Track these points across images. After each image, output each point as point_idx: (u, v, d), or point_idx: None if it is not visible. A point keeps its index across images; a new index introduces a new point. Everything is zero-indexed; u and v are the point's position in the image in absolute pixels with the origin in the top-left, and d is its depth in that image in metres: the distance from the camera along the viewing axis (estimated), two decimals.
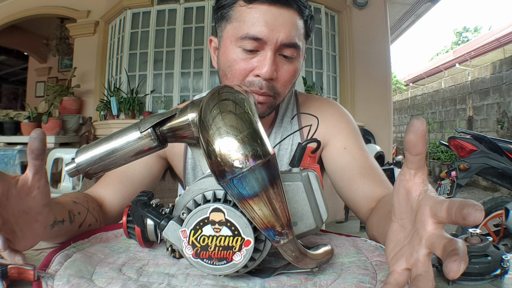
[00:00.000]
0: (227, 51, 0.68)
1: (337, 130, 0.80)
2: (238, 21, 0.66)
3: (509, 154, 2.08)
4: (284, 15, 0.65)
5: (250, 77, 0.67)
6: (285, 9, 0.65)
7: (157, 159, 0.83)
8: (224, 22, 0.70)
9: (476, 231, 0.52)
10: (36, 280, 0.44)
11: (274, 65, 0.66)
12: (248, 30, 0.64)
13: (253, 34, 0.64)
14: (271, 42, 0.64)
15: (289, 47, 0.66)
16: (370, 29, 4.02)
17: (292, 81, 0.72)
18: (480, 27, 18.97)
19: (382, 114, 4.01)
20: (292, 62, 0.69)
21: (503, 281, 0.48)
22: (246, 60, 0.67)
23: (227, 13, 0.68)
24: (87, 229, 0.63)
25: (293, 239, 0.41)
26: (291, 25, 0.65)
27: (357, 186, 0.73)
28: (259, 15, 0.64)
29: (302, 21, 0.68)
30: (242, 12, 0.66)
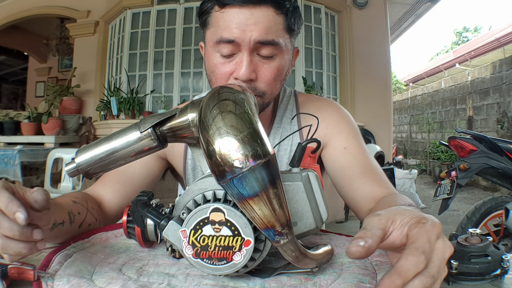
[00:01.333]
0: (209, 56, 0.70)
1: (337, 130, 0.80)
2: (214, 26, 0.68)
3: (509, 154, 2.08)
4: (257, 14, 0.64)
5: (230, 80, 0.68)
6: (257, 7, 0.64)
7: (156, 159, 0.83)
8: (205, 28, 0.71)
9: (476, 231, 0.52)
10: (36, 280, 0.44)
11: (251, 66, 0.66)
12: (221, 34, 0.65)
13: (226, 37, 0.65)
14: (245, 43, 0.65)
15: (266, 45, 0.66)
16: (370, 29, 4.02)
17: (278, 78, 0.70)
18: (480, 27, 18.98)
19: (382, 114, 4.01)
20: (273, 60, 0.68)
21: (503, 281, 0.48)
22: (225, 64, 0.68)
23: (206, 19, 0.70)
24: (87, 229, 0.63)
25: (293, 239, 0.41)
26: (265, 22, 0.65)
27: (357, 186, 0.73)
28: (231, 18, 0.65)
29: (281, 16, 0.67)
30: (217, 17, 0.67)
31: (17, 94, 8.99)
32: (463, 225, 2.20)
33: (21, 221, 0.39)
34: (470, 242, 0.50)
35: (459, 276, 0.48)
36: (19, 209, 0.40)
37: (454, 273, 0.47)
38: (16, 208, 0.40)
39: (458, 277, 0.48)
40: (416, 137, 9.10)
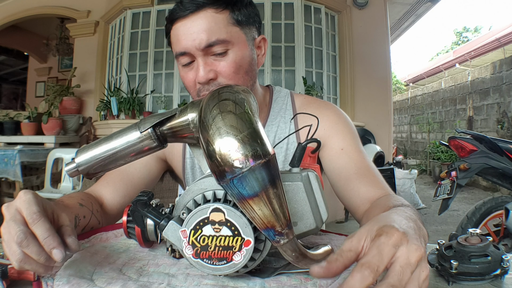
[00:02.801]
0: (179, 71, 0.75)
1: (335, 131, 0.81)
2: (173, 44, 0.73)
3: (509, 154, 2.08)
4: (196, 21, 0.68)
5: (197, 86, 0.71)
6: (196, 14, 0.68)
7: (156, 160, 0.84)
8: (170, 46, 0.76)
9: (476, 231, 0.52)
10: (36, 280, 0.44)
11: (207, 67, 0.69)
12: (175, 49, 0.71)
13: (179, 51, 0.70)
14: (194, 50, 0.69)
15: (214, 45, 0.68)
16: (370, 29, 4.02)
17: (240, 70, 0.71)
18: (480, 27, 18.96)
19: (382, 114, 4.01)
20: (226, 55, 0.70)
21: (503, 281, 0.48)
22: (188, 73, 0.72)
23: (169, 40, 0.75)
24: (88, 231, 0.64)
25: (293, 239, 0.41)
26: (205, 25, 0.68)
27: (352, 186, 0.74)
28: (178, 32, 0.70)
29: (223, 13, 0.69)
30: (172, 35, 0.72)
31: (17, 94, 8.99)
32: (463, 225, 2.20)
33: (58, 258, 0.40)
34: (470, 242, 0.50)
35: (459, 276, 0.48)
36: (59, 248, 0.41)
37: (454, 273, 0.47)
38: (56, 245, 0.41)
39: (458, 277, 0.48)
40: (416, 137, 9.10)
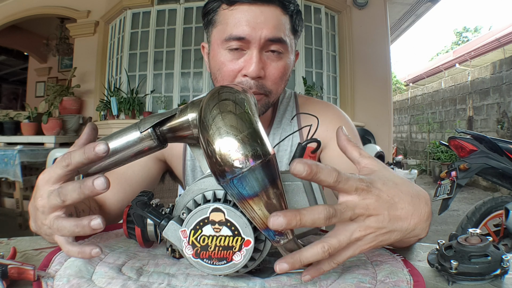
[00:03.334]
0: (216, 55, 0.70)
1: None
2: (222, 24, 0.68)
3: (509, 154, 2.07)
4: (266, 12, 0.66)
5: (238, 78, 0.68)
6: (266, 6, 0.66)
7: (155, 161, 0.83)
8: (211, 27, 0.72)
9: (476, 231, 0.52)
10: (36, 280, 0.44)
11: (260, 63, 0.66)
12: (231, 31, 0.66)
13: (236, 34, 0.65)
14: (255, 40, 0.65)
15: (275, 42, 0.67)
16: (370, 29, 4.02)
17: (283, 78, 0.72)
18: (480, 27, 18.97)
19: (382, 114, 4.01)
20: (280, 58, 0.69)
21: (503, 281, 0.48)
22: (233, 61, 0.68)
23: (213, 18, 0.70)
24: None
25: (293, 239, 0.41)
26: (274, 21, 0.66)
27: None
28: (241, 15, 0.65)
29: (287, 17, 0.69)
30: (225, 15, 0.68)
31: (17, 94, 8.99)
32: (463, 225, 2.20)
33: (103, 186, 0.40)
34: (470, 242, 0.50)
35: (459, 276, 0.48)
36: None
37: (454, 273, 0.47)
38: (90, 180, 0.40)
39: (458, 277, 0.48)
40: (416, 137, 9.10)
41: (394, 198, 0.40)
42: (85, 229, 0.41)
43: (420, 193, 0.45)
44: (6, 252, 0.50)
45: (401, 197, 0.41)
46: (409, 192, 0.43)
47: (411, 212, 0.41)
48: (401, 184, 0.42)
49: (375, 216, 0.39)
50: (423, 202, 0.44)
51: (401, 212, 0.41)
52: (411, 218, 0.41)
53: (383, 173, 0.42)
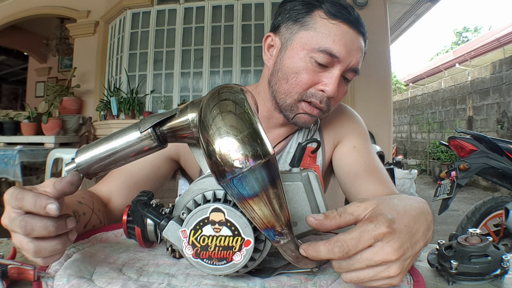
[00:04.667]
0: (296, 57, 0.69)
1: (351, 130, 0.84)
2: (316, 32, 0.67)
3: (509, 154, 2.07)
4: (358, 42, 0.69)
5: (313, 89, 0.69)
6: (359, 35, 0.69)
7: (166, 160, 0.82)
8: (297, 25, 0.70)
9: (476, 231, 0.52)
10: (36, 280, 0.44)
11: (338, 85, 0.69)
12: (328, 46, 0.66)
13: (332, 52, 0.66)
14: (344, 64, 0.67)
15: (353, 72, 0.70)
16: (370, 29, 3.96)
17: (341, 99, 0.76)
18: (480, 27, 18.97)
19: (382, 114, 4.01)
20: (347, 84, 0.73)
21: (503, 281, 0.48)
22: (315, 73, 0.68)
23: (303, 18, 0.69)
24: (90, 230, 0.63)
25: (293, 239, 0.41)
26: (360, 52, 0.70)
27: (360, 183, 0.75)
28: (341, 34, 0.66)
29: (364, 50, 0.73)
30: (324, 24, 0.67)
31: (17, 94, 8.99)
32: (463, 225, 2.20)
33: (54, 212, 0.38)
34: (470, 242, 0.50)
35: (459, 276, 0.48)
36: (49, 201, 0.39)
37: (454, 273, 0.47)
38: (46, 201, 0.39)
39: (458, 277, 0.48)
40: (416, 137, 9.10)
41: (410, 225, 0.40)
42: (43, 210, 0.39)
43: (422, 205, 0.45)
44: (6, 252, 0.50)
45: (415, 220, 0.41)
46: (416, 210, 0.43)
47: (422, 229, 0.41)
48: (408, 205, 0.43)
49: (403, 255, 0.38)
50: (426, 213, 0.44)
51: (418, 235, 0.41)
52: (423, 234, 0.41)
53: (387, 201, 0.42)
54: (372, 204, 0.41)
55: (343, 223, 0.40)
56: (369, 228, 0.37)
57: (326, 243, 0.37)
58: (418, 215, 0.42)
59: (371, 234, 0.37)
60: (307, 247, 0.39)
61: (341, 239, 0.37)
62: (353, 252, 0.37)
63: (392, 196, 0.45)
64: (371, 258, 0.37)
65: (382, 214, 0.38)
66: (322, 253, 0.38)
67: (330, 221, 0.40)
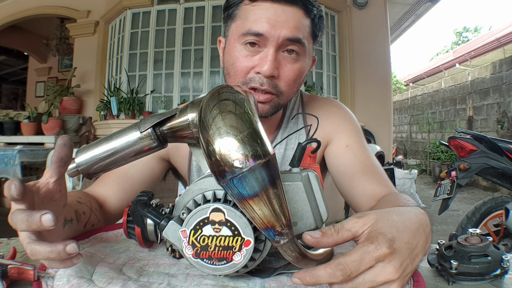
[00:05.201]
0: (231, 49, 0.69)
1: (341, 128, 0.81)
2: (241, 19, 0.68)
3: (509, 154, 2.07)
4: (288, 12, 0.65)
5: (251, 74, 0.67)
6: (289, 6, 0.65)
7: (158, 160, 0.83)
8: (230, 21, 0.71)
9: (476, 231, 0.52)
10: (36, 280, 0.44)
11: (275, 63, 0.66)
12: (250, 26, 0.65)
13: (255, 30, 0.65)
14: (273, 39, 0.65)
15: (293, 43, 0.66)
16: (370, 29, 4.02)
17: (297, 81, 0.71)
18: (480, 27, 18.97)
19: (382, 114, 4.01)
20: (297, 60, 0.68)
21: (503, 281, 0.48)
22: (248, 58, 0.67)
23: (233, 12, 0.70)
24: (90, 229, 0.63)
25: (293, 239, 0.41)
26: (294, 21, 0.65)
27: (357, 183, 0.73)
28: (262, 12, 0.65)
29: (309, 20, 0.68)
30: (246, 10, 0.67)
31: (17, 94, 8.98)
32: (463, 225, 2.20)
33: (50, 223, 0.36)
34: (470, 242, 0.50)
35: (459, 276, 0.48)
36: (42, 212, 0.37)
37: (454, 273, 0.47)
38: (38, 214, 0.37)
39: (458, 277, 0.48)
40: (416, 137, 9.10)
41: (410, 241, 0.39)
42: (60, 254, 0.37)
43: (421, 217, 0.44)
44: (6, 252, 0.50)
45: (414, 235, 0.40)
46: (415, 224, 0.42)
47: (422, 243, 0.41)
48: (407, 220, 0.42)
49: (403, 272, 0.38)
50: (425, 225, 0.43)
51: (417, 250, 0.40)
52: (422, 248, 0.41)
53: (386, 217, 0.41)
54: (371, 220, 0.40)
55: (341, 240, 0.39)
56: (370, 249, 0.36)
57: (327, 267, 0.36)
58: (417, 229, 0.41)
59: (372, 255, 0.36)
60: (304, 275, 0.37)
61: (343, 262, 0.36)
62: (355, 274, 0.36)
63: (390, 209, 0.44)
64: (374, 279, 0.36)
65: (382, 234, 0.38)
66: (323, 278, 0.36)
67: (327, 239, 0.39)
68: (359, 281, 0.36)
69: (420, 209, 0.47)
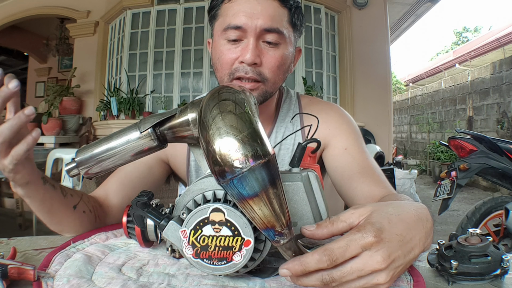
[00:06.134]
0: (216, 45, 0.74)
1: (338, 131, 0.82)
2: (222, 16, 0.73)
3: (509, 154, 2.07)
4: (263, 4, 0.69)
5: (235, 65, 0.71)
6: None
7: (158, 162, 0.83)
8: (213, 21, 0.76)
9: (476, 231, 0.52)
10: (36, 280, 0.44)
11: (256, 51, 0.69)
12: (230, 21, 0.70)
13: (234, 24, 0.69)
14: (251, 29, 0.68)
15: (271, 32, 0.70)
16: (370, 29, 4.02)
17: (281, 67, 0.73)
18: (480, 27, 18.97)
19: (382, 114, 4.01)
20: (277, 48, 0.71)
21: (503, 281, 0.48)
22: (231, 50, 0.71)
23: (216, 12, 0.75)
24: (82, 216, 0.64)
25: (293, 239, 0.41)
26: (270, 12, 0.69)
27: (356, 185, 0.74)
28: (239, 7, 0.70)
29: (286, 10, 0.72)
30: (226, 8, 0.72)
31: None
32: (463, 225, 2.20)
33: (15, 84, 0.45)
34: (470, 242, 0.50)
35: (459, 276, 0.48)
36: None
37: (454, 273, 0.47)
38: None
39: (458, 277, 0.48)
40: (416, 137, 9.10)
41: (403, 233, 0.39)
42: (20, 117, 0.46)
43: (421, 211, 0.44)
44: (6, 252, 0.50)
45: (409, 228, 0.40)
46: (413, 217, 0.42)
47: (419, 237, 0.41)
48: (404, 212, 0.42)
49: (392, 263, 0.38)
50: (425, 219, 0.43)
51: (412, 243, 0.40)
52: (420, 242, 0.41)
53: (382, 209, 0.41)
54: (367, 211, 0.40)
55: (336, 231, 0.40)
56: (356, 237, 0.37)
57: (314, 254, 0.37)
58: (413, 222, 0.41)
59: (358, 243, 0.37)
60: (292, 265, 0.38)
61: (329, 248, 0.37)
62: (341, 260, 0.37)
63: (388, 202, 0.44)
64: (362, 268, 0.37)
65: (371, 223, 0.38)
66: (311, 264, 0.37)
67: (322, 230, 0.40)
68: (347, 270, 0.37)
69: (422, 205, 0.47)
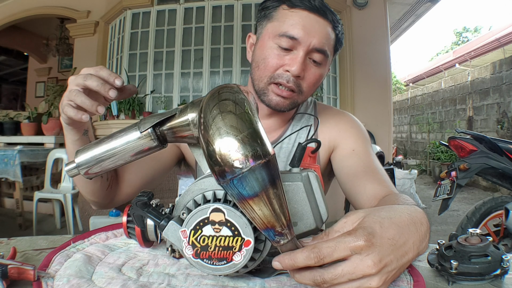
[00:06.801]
0: (264, 45, 0.76)
1: (348, 134, 0.86)
2: (279, 21, 0.75)
3: (509, 154, 2.07)
4: (320, 23, 0.73)
5: (279, 71, 0.74)
6: (321, 18, 0.74)
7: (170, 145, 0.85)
8: (265, 20, 0.78)
9: (476, 231, 0.52)
10: (36, 280, 0.44)
11: (303, 65, 0.73)
12: (287, 30, 0.73)
13: (291, 34, 0.72)
14: (305, 44, 0.72)
15: (319, 53, 0.74)
16: (370, 29, 4.02)
17: (316, 85, 0.79)
18: (480, 27, 18.96)
19: (382, 114, 4.01)
20: (319, 67, 0.76)
21: (503, 281, 0.48)
22: (280, 56, 0.74)
23: (270, 13, 0.77)
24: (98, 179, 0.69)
25: (293, 239, 0.41)
26: (324, 33, 0.74)
27: (359, 183, 0.76)
28: (299, 19, 0.73)
29: (334, 34, 0.76)
30: (284, 14, 0.75)
31: (17, 94, 8.98)
32: (463, 225, 2.20)
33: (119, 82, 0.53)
34: (470, 242, 0.50)
35: (459, 276, 0.48)
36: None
37: (454, 273, 0.47)
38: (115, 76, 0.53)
39: (458, 277, 0.48)
40: (416, 137, 9.10)
41: (396, 238, 0.39)
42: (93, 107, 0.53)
43: (415, 215, 0.44)
44: (6, 252, 0.50)
45: (402, 231, 0.40)
46: (406, 221, 0.42)
47: (412, 240, 0.41)
48: (397, 216, 0.42)
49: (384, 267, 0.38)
50: (419, 223, 0.43)
51: (406, 247, 0.40)
52: (414, 245, 0.41)
53: (374, 213, 0.41)
54: (359, 217, 0.41)
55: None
56: (346, 239, 0.37)
57: (303, 250, 0.38)
58: (406, 226, 0.41)
59: (347, 245, 0.37)
60: (283, 258, 0.39)
61: (318, 246, 0.38)
62: (328, 260, 0.37)
63: (381, 207, 0.44)
64: (352, 272, 0.37)
65: (363, 227, 0.39)
66: (299, 260, 0.38)
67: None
68: (338, 272, 0.37)
69: (417, 208, 0.47)
